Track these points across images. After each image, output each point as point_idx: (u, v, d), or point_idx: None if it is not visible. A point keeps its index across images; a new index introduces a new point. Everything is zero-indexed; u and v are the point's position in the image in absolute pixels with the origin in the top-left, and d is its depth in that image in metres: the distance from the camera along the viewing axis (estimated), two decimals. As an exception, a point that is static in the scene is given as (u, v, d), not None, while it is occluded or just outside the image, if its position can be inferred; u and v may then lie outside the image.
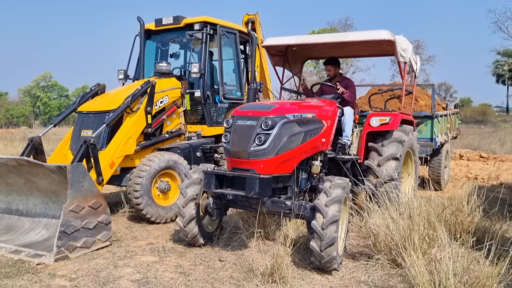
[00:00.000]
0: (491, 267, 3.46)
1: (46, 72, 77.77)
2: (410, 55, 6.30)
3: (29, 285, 3.78)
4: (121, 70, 7.75)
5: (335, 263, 4.12)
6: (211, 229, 5.20)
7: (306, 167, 5.10)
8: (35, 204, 5.29)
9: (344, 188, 4.30)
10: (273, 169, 4.35)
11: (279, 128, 4.33)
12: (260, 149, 4.27)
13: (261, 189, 4.14)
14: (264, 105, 4.70)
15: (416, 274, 3.47)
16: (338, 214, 4.03)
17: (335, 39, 5.97)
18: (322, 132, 5.07)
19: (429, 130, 7.94)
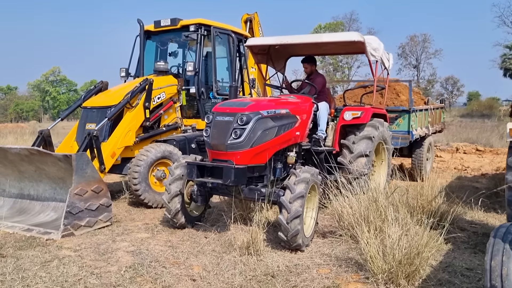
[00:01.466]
0: (430, 238, 4.05)
1: (55, 67, 78.78)
2: (381, 53, 6.72)
3: (40, 254, 4.45)
4: (123, 68, 8.39)
5: (300, 239, 4.57)
6: (197, 214, 5.73)
7: (282, 158, 5.58)
8: (44, 190, 5.95)
9: (313, 174, 4.81)
10: (249, 160, 4.84)
11: (253, 123, 4.81)
12: (236, 142, 4.76)
13: (236, 178, 4.65)
14: (241, 102, 5.18)
15: (366, 245, 4.07)
16: (304, 191, 4.57)
17: (310, 40, 6.47)
18: (296, 126, 5.55)
19: (406, 123, 8.46)
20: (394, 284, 3.79)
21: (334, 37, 6.25)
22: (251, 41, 7.04)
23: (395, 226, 4.16)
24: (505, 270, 2.82)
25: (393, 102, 9.43)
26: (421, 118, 9.19)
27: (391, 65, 7.50)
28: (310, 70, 6.99)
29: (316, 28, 64.25)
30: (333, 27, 62.73)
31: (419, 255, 3.85)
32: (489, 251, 2.96)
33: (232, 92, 6.28)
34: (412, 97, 9.29)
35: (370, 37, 6.46)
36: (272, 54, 7.46)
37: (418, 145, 9.33)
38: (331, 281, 4.00)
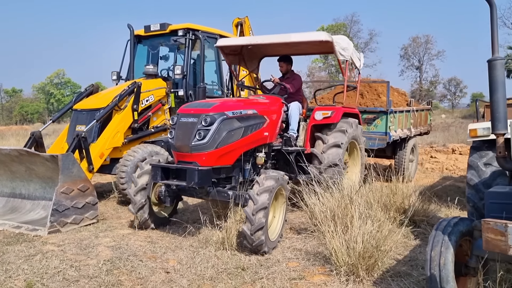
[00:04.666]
0: (389, 232, 4.29)
1: (59, 69, 79.32)
2: (351, 53, 6.72)
3: (25, 249, 4.71)
4: (114, 72, 8.65)
5: (265, 247, 4.60)
6: (164, 215, 5.78)
7: (250, 159, 5.63)
8: (35, 189, 6.21)
9: (277, 180, 4.74)
10: (214, 161, 4.86)
11: (218, 124, 4.83)
12: (200, 144, 4.78)
13: (200, 180, 4.63)
14: (206, 103, 5.20)
15: (331, 239, 4.30)
16: (268, 201, 4.50)
17: (279, 40, 6.36)
18: (264, 127, 5.60)
19: (384, 124, 8.47)
20: (355, 275, 4.02)
21: (302, 37, 6.20)
22: (221, 41, 6.96)
23: (360, 222, 4.38)
24: (443, 259, 3.06)
25: (373, 103, 9.36)
26: (402, 119, 9.18)
27: (362, 65, 7.51)
28: (285, 69, 7.02)
29: (319, 29, 64.53)
30: (335, 29, 62.93)
31: (377, 248, 4.07)
32: (430, 242, 3.20)
33: (200, 92, 6.37)
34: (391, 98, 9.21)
35: (339, 37, 6.51)
36: (245, 55, 7.45)
37: (401, 147, 9.35)
38: (298, 273, 4.23)
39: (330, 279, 4.08)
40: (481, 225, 2.62)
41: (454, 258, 3.09)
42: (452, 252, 3.08)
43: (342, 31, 61.76)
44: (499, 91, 3.30)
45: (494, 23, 3.42)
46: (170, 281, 3.99)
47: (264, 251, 4.63)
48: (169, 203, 5.48)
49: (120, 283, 3.91)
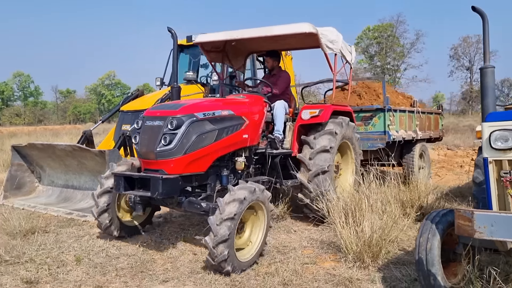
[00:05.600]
0: (394, 224, 4.69)
1: (110, 71, 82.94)
2: (340, 46, 6.24)
3: (75, 231, 5.47)
4: (158, 78, 9.43)
5: (229, 265, 4.02)
6: (135, 223, 5.36)
7: (229, 164, 5.19)
8: (85, 181, 7.01)
9: (252, 192, 4.25)
10: (182, 168, 4.40)
11: (186, 127, 4.37)
12: (166, 149, 4.31)
13: (165, 190, 4.19)
14: (174, 105, 4.76)
15: (341, 230, 4.74)
16: (235, 212, 4.01)
17: (260, 34, 5.83)
18: (243, 128, 5.13)
19: (382, 123, 7.92)
20: (361, 262, 4.44)
21: (285, 29, 5.68)
22: (200, 37, 6.36)
23: (369, 215, 4.80)
24: (429, 245, 3.46)
25: (372, 104, 8.66)
26: (404, 119, 8.62)
27: (353, 59, 6.98)
28: (271, 65, 6.61)
29: (365, 30, 63.98)
30: (381, 29, 62.25)
31: (382, 238, 4.48)
32: (420, 230, 3.60)
33: (174, 93, 5.91)
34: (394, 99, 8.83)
35: (326, 29, 5.98)
36: (229, 51, 6.94)
37: (408, 151, 8.84)
38: (311, 259, 4.70)
39: (339, 265, 4.52)
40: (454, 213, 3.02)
41: (440, 244, 3.46)
42: (439, 239, 3.47)
43: (388, 31, 61.03)
44: (489, 96, 3.66)
45: (486, 34, 3.80)
46: (197, 261, 4.57)
47: (228, 271, 4.04)
48: (140, 211, 4.91)
49: (153, 260, 4.54)
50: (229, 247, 3.98)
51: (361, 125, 7.99)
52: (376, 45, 63.58)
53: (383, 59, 62.50)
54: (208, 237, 4.00)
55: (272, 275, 4.22)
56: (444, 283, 3.44)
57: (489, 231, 2.80)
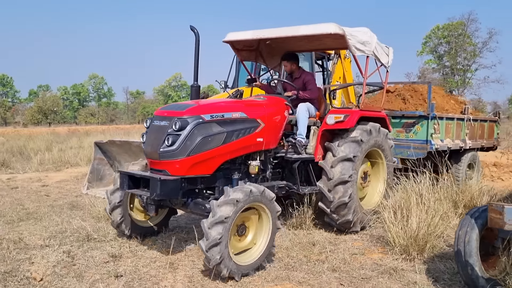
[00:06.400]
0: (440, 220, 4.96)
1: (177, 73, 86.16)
2: (373, 47, 5.91)
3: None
4: (222, 81, 10.08)
5: (224, 268, 3.94)
6: (149, 224, 5.28)
7: (242, 167, 5.08)
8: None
9: (248, 194, 4.08)
10: (186, 170, 4.34)
11: (190, 129, 4.32)
12: (169, 150, 4.28)
13: (163, 192, 4.15)
14: (182, 105, 4.67)
15: (390, 224, 5.06)
16: (228, 215, 3.90)
17: (286, 34, 5.65)
18: (257, 132, 4.97)
19: (424, 131, 7.42)
20: (407, 254, 4.76)
21: (311, 29, 5.46)
22: (229, 36, 6.19)
23: (418, 212, 5.08)
24: (468, 237, 3.76)
25: (417, 109, 8.14)
26: (452, 128, 8.02)
27: (390, 61, 6.53)
28: (290, 68, 6.25)
29: (434, 29, 61.97)
30: (451, 27, 60.03)
31: (428, 232, 4.77)
32: (460, 224, 3.90)
33: (193, 92, 5.81)
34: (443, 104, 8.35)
35: (357, 29, 5.70)
36: (263, 50, 6.67)
37: (456, 160, 8.26)
38: (360, 250, 5.08)
39: (386, 257, 4.86)
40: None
41: (478, 237, 3.74)
42: (477, 232, 3.74)
43: (459, 30, 58.69)
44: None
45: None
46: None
47: (224, 275, 3.97)
48: (153, 212, 4.74)
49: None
50: (222, 251, 3.89)
51: (402, 132, 7.59)
52: (445, 44, 61.34)
53: (452, 59, 60.19)
54: (202, 241, 3.94)
55: (322, 262, 4.66)
56: (481, 273, 3.72)
57: (518, 224, 3.08)
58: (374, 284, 4.13)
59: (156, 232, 5.39)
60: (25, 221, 6.06)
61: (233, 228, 4.12)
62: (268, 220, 4.43)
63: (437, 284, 4.13)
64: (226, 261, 3.94)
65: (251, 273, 4.24)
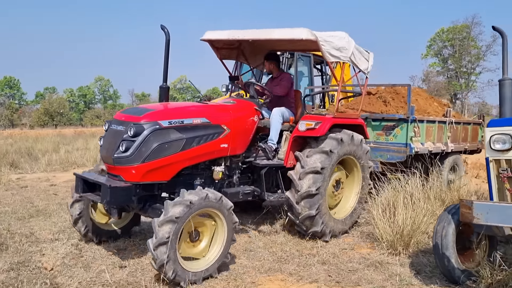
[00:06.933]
0: (424, 217, 5.26)
1: (182, 75, 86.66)
2: (350, 54, 5.70)
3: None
4: (224, 84, 10.42)
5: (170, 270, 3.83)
6: (115, 227, 5.23)
7: (204, 173, 5.01)
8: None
9: (190, 206, 3.94)
10: (140, 177, 4.26)
11: (146, 136, 4.24)
12: (123, 156, 4.21)
13: (113, 198, 4.12)
14: (141, 110, 4.62)
15: (378, 221, 5.37)
16: (168, 235, 3.79)
17: (259, 36, 5.60)
18: (221, 138, 4.89)
19: (404, 134, 7.24)
20: (393, 249, 5.06)
21: (283, 34, 5.40)
22: (208, 35, 6.02)
23: (404, 210, 5.38)
24: (445, 232, 4.07)
25: (397, 112, 7.84)
26: (433, 130, 7.87)
27: (370, 67, 6.34)
28: (268, 68, 6.22)
29: (439, 32, 62.10)
30: (456, 30, 60.15)
31: (412, 228, 5.07)
32: (438, 219, 4.22)
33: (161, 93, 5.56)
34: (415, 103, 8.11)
35: (333, 34, 5.50)
36: (245, 49, 6.53)
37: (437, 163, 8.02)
38: (350, 246, 5.41)
39: (374, 252, 5.17)
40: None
41: (455, 232, 4.05)
42: (454, 227, 4.05)
43: (464, 33, 58.76)
44: (506, 105, 4.20)
45: (505, 50, 4.34)
46: (251, 242, 5.42)
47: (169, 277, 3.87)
48: (115, 216, 4.72)
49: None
50: (170, 250, 3.81)
51: (382, 135, 7.46)
52: (450, 47, 61.46)
53: (457, 62, 60.29)
54: (150, 239, 3.90)
55: (313, 256, 4.99)
56: (457, 265, 4.04)
57: (485, 218, 3.39)
58: (360, 276, 4.44)
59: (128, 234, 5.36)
60: (35, 217, 6.41)
61: (185, 231, 4.07)
62: (223, 230, 4.32)
63: (419, 276, 4.43)
64: (173, 263, 3.86)
65: (198, 282, 4.09)
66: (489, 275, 3.92)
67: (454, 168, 8.64)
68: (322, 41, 5.27)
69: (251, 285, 4.18)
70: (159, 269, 3.86)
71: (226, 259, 4.35)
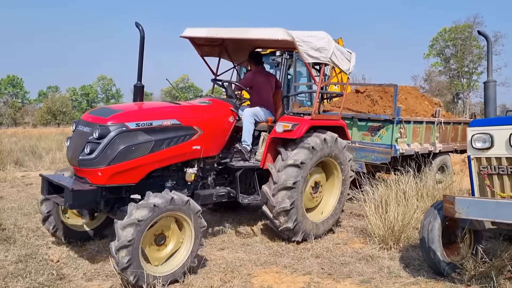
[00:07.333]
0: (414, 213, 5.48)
1: (184, 75, 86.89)
2: (330, 54, 5.54)
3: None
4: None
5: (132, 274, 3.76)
6: (86, 228, 5.13)
7: (175, 175, 4.94)
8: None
9: (154, 209, 3.87)
10: (106, 179, 4.16)
11: (111, 138, 4.15)
12: (88, 159, 4.13)
13: (75, 202, 4.07)
14: (108, 111, 4.51)
15: (370, 217, 5.58)
16: (130, 238, 3.71)
17: (235, 35, 5.54)
18: (193, 139, 4.80)
19: (389, 135, 7.15)
20: (384, 244, 5.28)
21: (259, 33, 5.32)
22: (188, 32, 5.85)
23: (396, 206, 5.59)
24: (431, 226, 4.29)
25: (384, 111, 7.63)
26: (419, 131, 7.76)
27: (352, 67, 6.22)
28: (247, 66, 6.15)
29: (441, 31, 62.17)
30: (459, 30, 60.20)
31: (402, 223, 5.28)
32: (426, 214, 4.43)
33: (136, 92, 5.52)
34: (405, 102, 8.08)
35: (312, 34, 5.32)
36: (229, 46, 6.45)
37: (425, 164, 7.87)
38: (343, 241, 5.62)
39: (366, 246, 5.39)
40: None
41: (440, 226, 4.26)
42: (439, 222, 4.26)
43: (466, 33, 58.81)
44: (490, 106, 4.41)
45: (489, 53, 4.54)
46: (248, 237, 5.64)
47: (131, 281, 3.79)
48: (87, 217, 4.71)
49: (213, 234, 5.67)
50: (132, 254, 3.73)
51: (367, 135, 7.41)
52: (452, 47, 61.51)
53: (459, 62, 60.35)
54: (113, 242, 3.82)
55: (308, 250, 5.22)
56: (443, 258, 4.26)
57: (466, 212, 3.61)
58: (351, 269, 4.67)
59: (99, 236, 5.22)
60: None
61: (150, 235, 4.01)
62: (190, 234, 4.23)
63: (407, 269, 4.65)
64: (135, 267, 3.77)
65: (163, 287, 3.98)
66: (473, 267, 4.15)
67: (442, 168, 8.59)
68: (299, 41, 5.12)
69: (247, 277, 4.39)
70: (120, 273, 3.80)
71: (193, 264, 4.26)
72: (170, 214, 4.09)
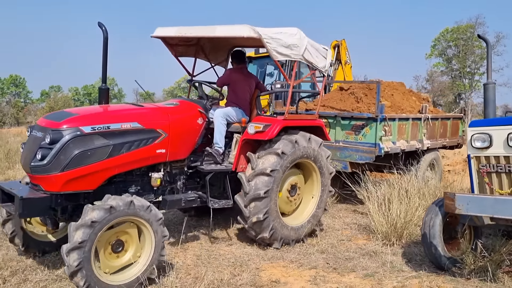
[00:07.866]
0: (416, 210, 5.66)
1: (185, 75, 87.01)
2: (302, 51, 5.31)
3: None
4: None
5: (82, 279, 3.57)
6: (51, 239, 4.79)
7: (140, 180, 4.76)
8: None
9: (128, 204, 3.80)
10: (60, 186, 3.97)
11: (64, 143, 3.97)
12: (40, 165, 3.95)
13: (26, 211, 3.90)
14: (62, 115, 4.32)
15: (373, 214, 5.76)
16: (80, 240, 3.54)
17: (202, 33, 5.38)
18: (156, 143, 4.62)
19: (373, 134, 6.94)
20: (387, 240, 5.46)
21: (225, 31, 5.07)
22: (158, 31, 5.63)
23: (398, 204, 5.77)
24: (432, 222, 4.47)
25: (369, 109, 7.33)
26: (405, 128, 7.54)
27: (327, 65, 5.99)
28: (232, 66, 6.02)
29: (443, 32, 62.27)
30: (461, 30, 60.30)
31: (405, 220, 5.46)
32: (427, 211, 4.61)
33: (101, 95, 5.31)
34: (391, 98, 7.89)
35: (281, 30, 5.12)
36: (205, 45, 6.24)
37: (414, 161, 7.80)
38: (347, 237, 5.81)
39: (369, 242, 5.57)
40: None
41: (441, 222, 4.44)
42: (440, 218, 4.44)
43: (468, 33, 58.88)
44: (490, 107, 4.59)
45: (489, 56, 4.73)
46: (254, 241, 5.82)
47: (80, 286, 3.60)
48: (50, 226, 4.44)
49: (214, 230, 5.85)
50: (82, 257, 3.55)
51: (351, 134, 7.20)
52: (454, 47, 61.60)
53: (461, 62, 60.45)
54: (65, 245, 3.63)
55: (313, 245, 5.41)
56: (443, 253, 4.44)
57: (465, 208, 3.79)
58: (355, 263, 4.85)
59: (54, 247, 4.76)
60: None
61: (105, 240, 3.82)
62: (150, 242, 4.03)
63: (409, 264, 4.83)
64: (86, 271, 3.58)
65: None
66: (472, 262, 4.33)
67: (433, 165, 8.33)
68: (267, 38, 4.91)
69: (256, 271, 4.58)
70: (70, 277, 3.61)
71: (151, 275, 3.98)
72: (128, 219, 3.89)
